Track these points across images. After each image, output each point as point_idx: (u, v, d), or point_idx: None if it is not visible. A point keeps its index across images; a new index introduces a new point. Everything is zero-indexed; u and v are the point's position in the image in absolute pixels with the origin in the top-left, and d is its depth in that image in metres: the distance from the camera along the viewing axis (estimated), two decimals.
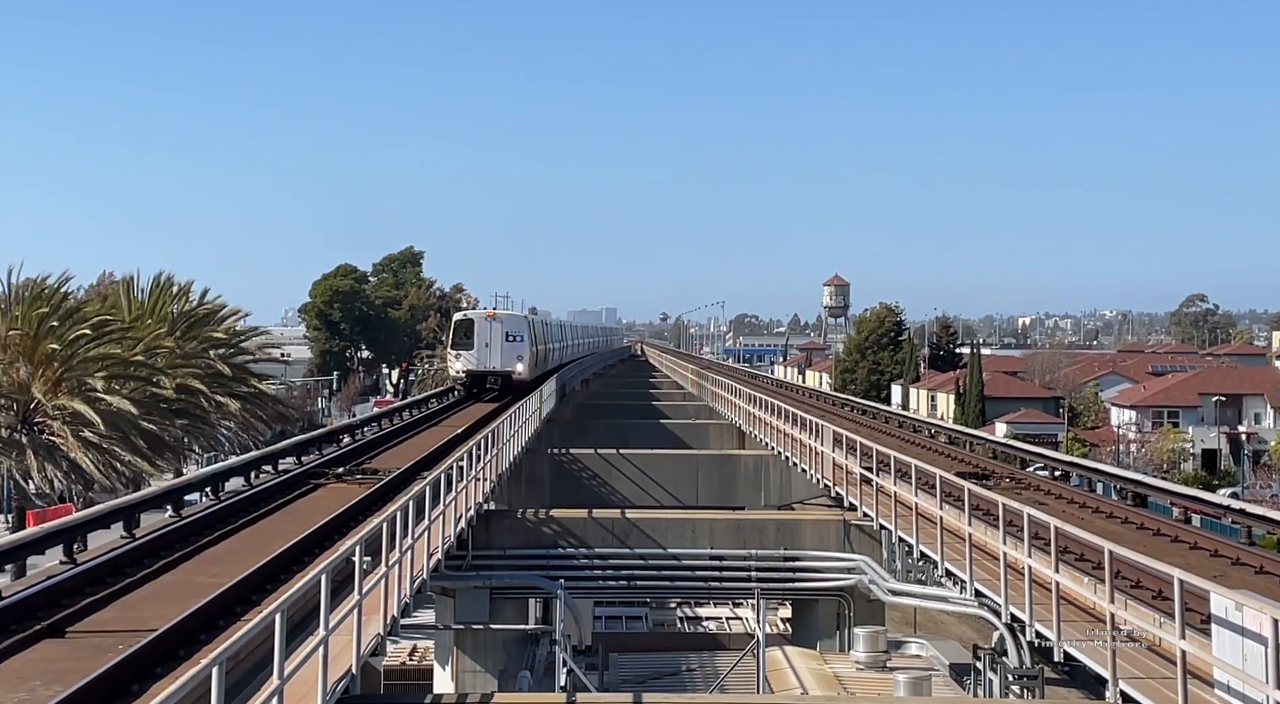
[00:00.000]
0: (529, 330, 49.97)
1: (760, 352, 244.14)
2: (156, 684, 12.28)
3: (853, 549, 28.14)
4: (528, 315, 55.73)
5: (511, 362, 48.40)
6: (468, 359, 48.70)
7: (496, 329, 48.75)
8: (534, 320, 55.60)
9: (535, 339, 52.01)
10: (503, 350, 48.40)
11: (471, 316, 50.25)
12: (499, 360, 48.40)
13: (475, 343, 48.53)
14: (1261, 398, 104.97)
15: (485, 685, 27.85)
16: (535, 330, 52.82)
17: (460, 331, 49.47)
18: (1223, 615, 12.53)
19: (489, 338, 48.56)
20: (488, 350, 48.51)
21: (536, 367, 52.34)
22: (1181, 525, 23.68)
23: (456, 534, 22.04)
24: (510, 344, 48.50)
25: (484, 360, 48.47)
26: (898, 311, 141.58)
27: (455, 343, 49.52)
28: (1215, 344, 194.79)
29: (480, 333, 48.70)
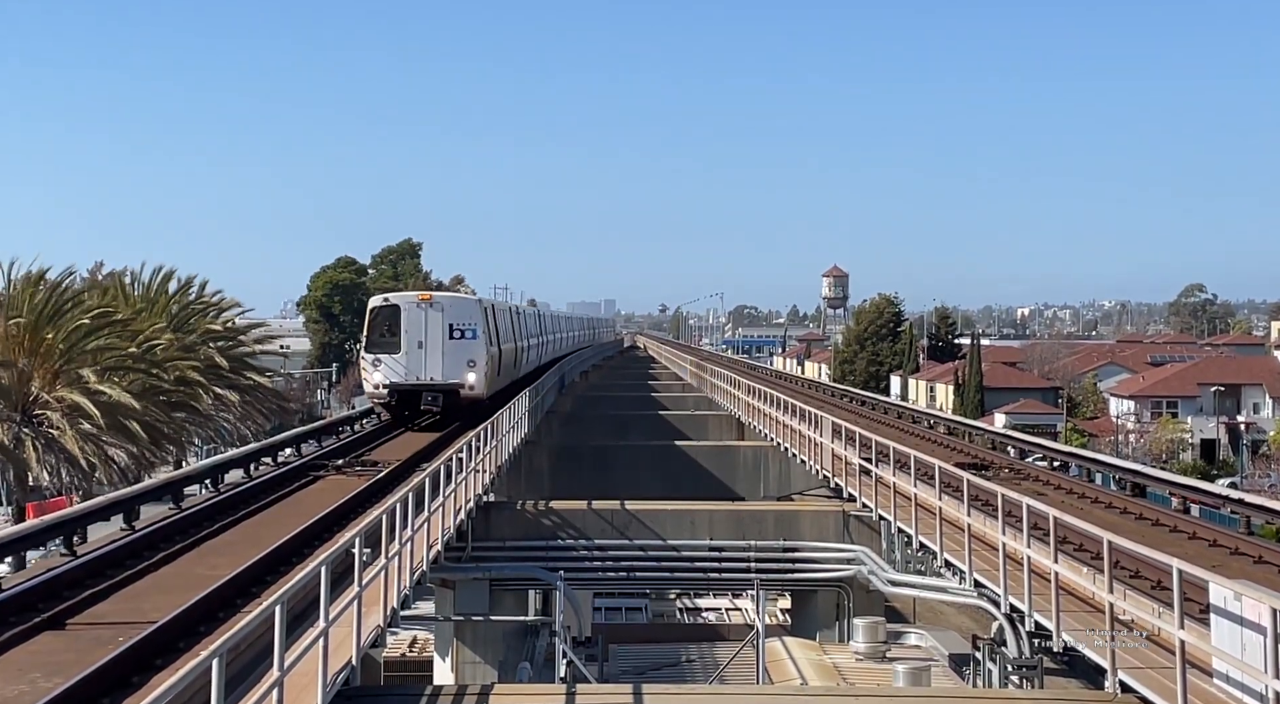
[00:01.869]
0: (486, 322, 36.43)
1: (759, 343, 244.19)
2: (157, 676, 12.30)
3: (852, 540, 28.19)
4: (483, 300, 40.01)
5: (459, 369, 34.74)
6: (391, 367, 34.59)
7: (435, 320, 34.87)
8: (495, 307, 41.18)
9: (497, 335, 38.55)
10: (445, 353, 34.70)
11: (396, 301, 35.85)
12: (440, 368, 34.64)
13: (403, 341, 34.67)
14: (1260, 388, 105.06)
15: (485, 677, 27.89)
16: (496, 322, 39.39)
17: (380, 325, 35.22)
18: (1221, 605, 12.55)
19: (423, 333, 34.75)
20: (421, 353, 34.66)
21: (500, 375, 39.58)
22: (1180, 515, 23.71)
23: (456, 526, 22.05)
24: (457, 342, 34.83)
25: (416, 368, 34.62)
26: (896, 302, 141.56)
27: (373, 342, 35.10)
28: (1214, 334, 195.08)
29: (410, 325, 34.81)
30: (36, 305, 45.01)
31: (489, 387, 36.10)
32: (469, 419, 32.94)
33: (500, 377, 39.54)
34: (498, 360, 38.00)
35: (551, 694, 15.93)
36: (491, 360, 36.16)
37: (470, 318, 35.35)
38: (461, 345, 34.78)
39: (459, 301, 37.16)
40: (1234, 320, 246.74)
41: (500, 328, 40.18)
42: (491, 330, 37.17)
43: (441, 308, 35.29)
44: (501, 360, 39.21)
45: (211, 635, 13.52)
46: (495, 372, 37.60)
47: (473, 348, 34.92)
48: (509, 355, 42.10)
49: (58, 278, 47.99)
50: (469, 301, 37.56)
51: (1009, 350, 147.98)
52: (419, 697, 15.02)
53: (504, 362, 40.17)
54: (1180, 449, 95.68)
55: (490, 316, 37.91)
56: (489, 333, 36.43)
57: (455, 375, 34.64)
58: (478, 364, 34.87)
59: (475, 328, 35.14)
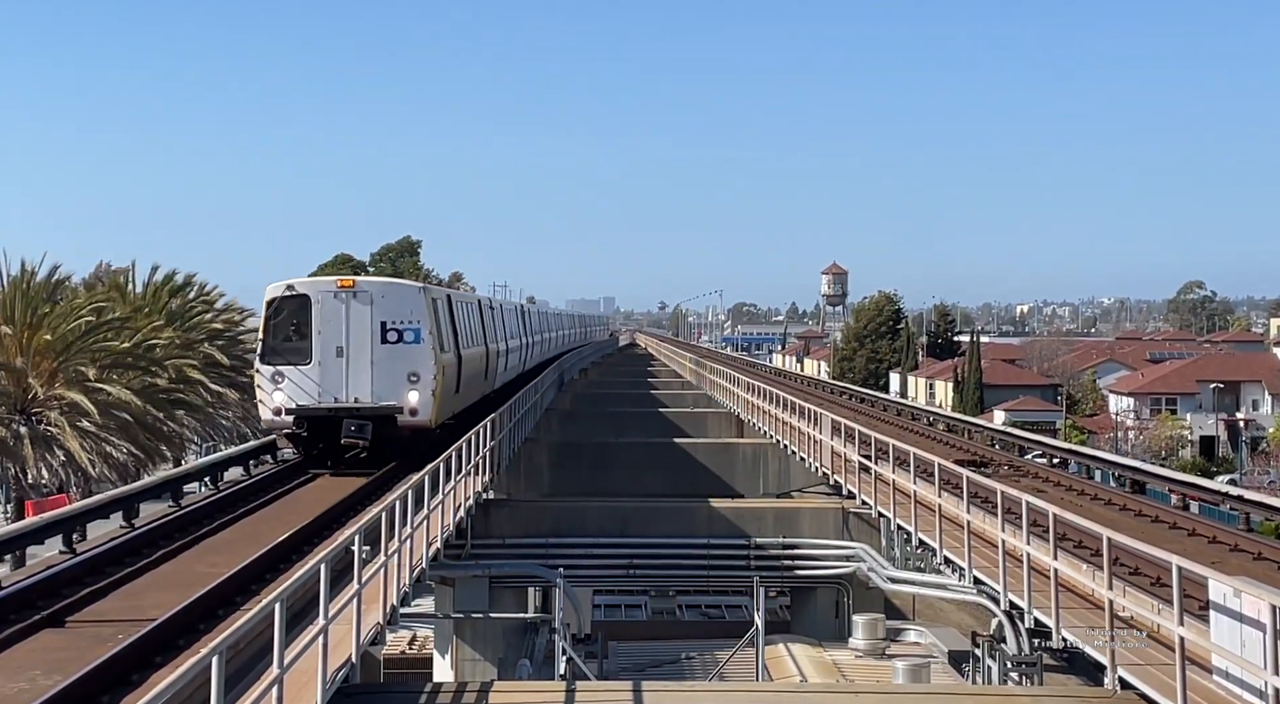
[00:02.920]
0: (436, 319, 27.23)
1: (758, 340, 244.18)
2: (156, 673, 12.30)
3: (851, 537, 28.21)
4: (432, 288, 29.77)
5: (395, 387, 26.00)
6: (298, 385, 25.74)
7: (360, 316, 26.03)
8: (453, 299, 31.31)
9: (454, 336, 29.44)
10: (376, 362, 25.96)
11: (304, 290, 26.33)
12: (368, 385, 25.88)
13: (314, 347, 25.86)
14: (1259, 385, 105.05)
15: (485, 674, 27.91)
16: (454, 319, 29.96)
17: (282, 324, 26.27)
18: (1221, 602, 12.55)
19: (344, 336, 25.92)
20: (341, 364, 25.84)
21: (462, 390, 30.26)
22: (1180, 512, 23.71)
23: (456, 523, 22.05)
24: (393, 348, 26.06)
25: (333, 386, 25.76)
26: (896, 300, 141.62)
27: (272, 349, 26.09)
28: (1213, 331, 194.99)
29: (325, 324, 25.95)
30: (34, 304, 45.01)
31: (440, 409, 26.85)
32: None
33: (461, 393, 30.31)
34: (456, 372, 28.87)
35: (551, 691, 15.93)
36: (445, 372, 27.04)
37: (412, 312, 26.26)
38: (400, 352, 25.96)
39: (396, 289, 27.51)
40: (1233, 317, 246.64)
41: (461, 327, 30.93)
42: (445, 330, 28.10)
43: (370, 298, 26.16)
44: (463, 372, 29.85)
45: (211, 633, 13.53)
46: (452, 386, 28.38)
47: (416, 355, 26.01)
48: (474, 364, 32.54)
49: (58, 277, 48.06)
50: (409, 290, 27.53)
51: (1008, 347, 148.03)
52: (419, 694, 15.03)
53: (467, 373, 30.74)
54: (1179, 446, 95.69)
55: (443, 311, 28.53)
56: (441, 333, 27.35)
57: (390, 395, 25.79)
58: (422, 378, 25.94)
59: (419, 327, 26.12)
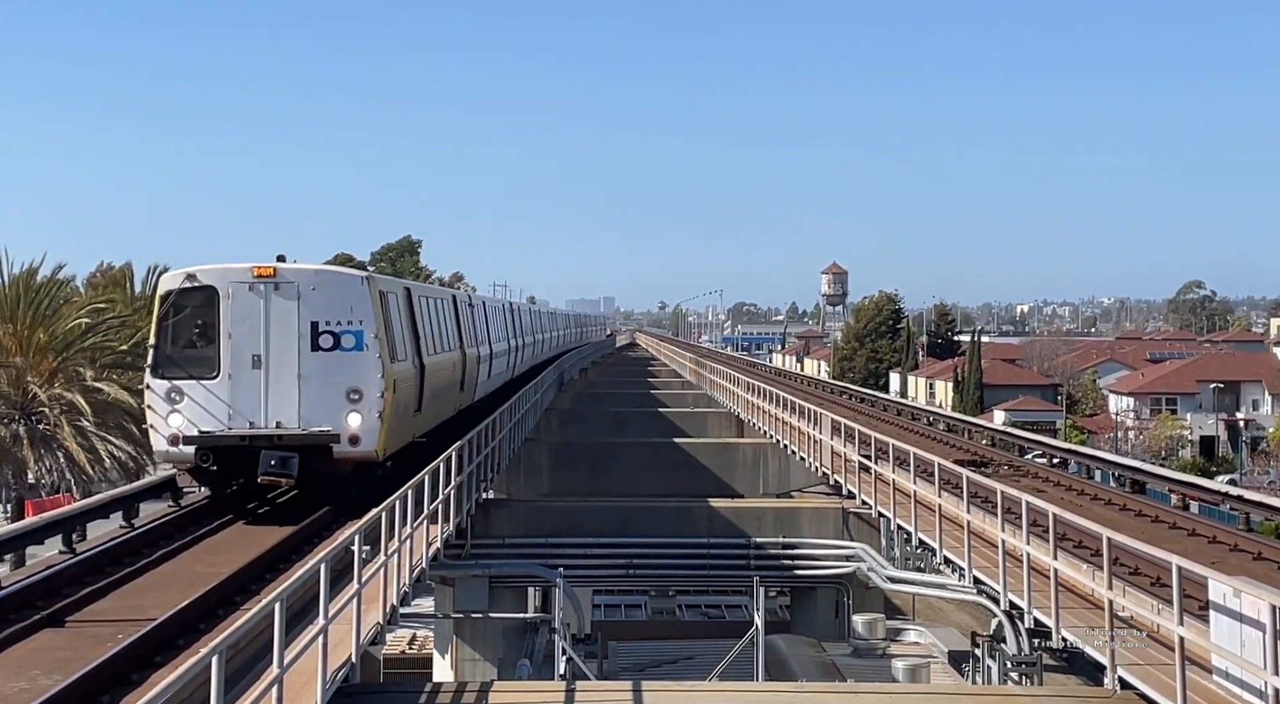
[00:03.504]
0: (386, 319, 21.62)
1: (758, 340, 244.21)
2: (156, 673, 12.31)
3: (851, 537, 28.20)
4: (379, 279, 23.05)
5: (331, 407, 20.53)
6: (200, 405, 20.32)
7: (284, 314, 20.54)
8: (413, 293, 25.21)
9: (413, 340, 24.09)
10: (305, 376, 20.46)
11: (209, 279, 20.68)
12: (293, 405, 20.43)
13: (223, 356, 20.45)
14: (1259, 384, 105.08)
15: (485, 674, 27.91)
16: (415, 319, 24.58)
17: (181, 326, 20.73)
18: (1221, 602, 12.56)
19: (262, 340, 20.48)
20: (258, 378, 20.42)
21: (425, 409, 24.81)
22: (1179, 512, 23.72)
23: (455, 523, 22.04)
24: (327, 357, 20.57)
25: (248, 406, 20.38)
26: (896, 299, 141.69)
27: (168, 359, 20.57)
28: (1213, 331, 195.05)
29: (238, 325, 20.53)
30: (35, 303, 45.01)
31: (391, 435, 21.17)
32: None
33: (426, 411, 24.70)
34: (415, 385, 23.38)
35: (551, 691, 15.93)
36: (398, 387, 21.39)
37: (353, 310, 20.53)
38: (336, 362, 20.36)
39: (332, 280, 20.96)
40: (1233, 317, 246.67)
41: (427, 328, 25.42)
42: (400, 333, 22.64)
43: (297, 291, 20.42)
44: (426, 384, 24.26)
45: (211, 633, 13.53)
46: (410, 404, 22.94)
47: (357, 366, 20.38)
48: (443, 373, 26.90)
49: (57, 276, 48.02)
50: (349, 280, 21.14)
51: (1008, 347, 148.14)
52: (418, 694, 15.03)
53: (433, 385, 25.15)
54: (1179, 446, 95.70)
55: (398, 309, 22.97)
56: (393, 337, 21.73)
57: (323, 418, 20.23)
58: (366, 396, 20.32)
59: (362, 329, 20.48)
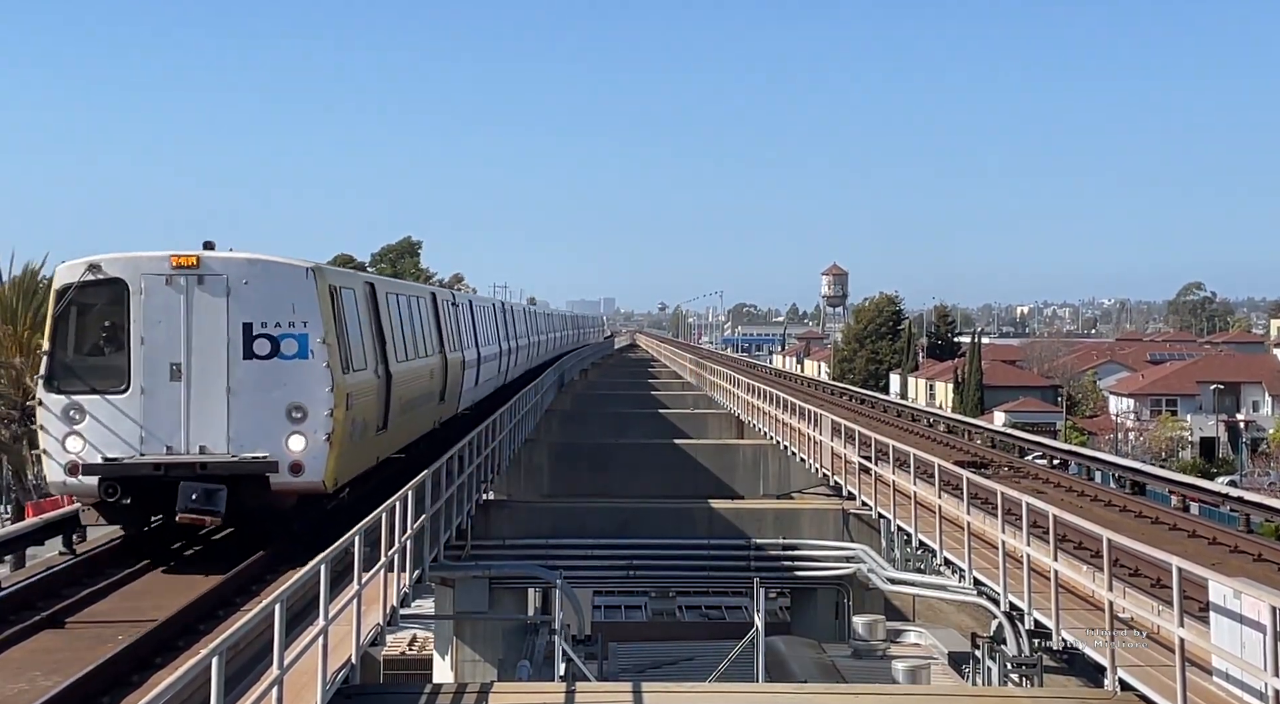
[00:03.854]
0: (331, 318, 17.93)
1: (759, 341, 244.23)
2: (156, 674, 12.30)
3: (851, 538, 28.16)
4: (322, 269, 18.20)
5: (269, 428, 17.36)
6: (105, 426, 17.21)
7: (210, 313, 17.35)
8: (369, 290, 21.19)
9: (371, 345, 20.30)
10: (236, 388, 17.35)
11: (117, 271, 17.40)
12: (222, 424, 17.31)
13: (133, 365, 17.36)
14: (1259, 386, 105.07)
15: (485, 675, 27.89)
16: (368, 318, 20.54)
17: (81, 327, 17.72)
18: (1221, 603, 12.55)
19: (182, 345, 17.30)
20: (177, 392, 17.30)
21: (391, 426, 21.20)
22: (1180, 513, 23.72)
23: (456, 524, 22.03)
24: (262, 367, 17.40)
25: (165, 428, 17.23)
26: (896, 301, 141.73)
27: (63, 368, 17.49)
28: (1213, 332, 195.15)
29: (152, 326, 17.32)
30: (32, 304, 44.99)
31: (344, 460, 17.85)
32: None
33: (393, 428, 20.99)
34: (380, 398, 19.91)
35: (551, 692, 15.90)
36: (354, 403, 18.04)
37: (296, 309, 17.13)
38: (276, 373, 17.05)
39: (269, 272, 17.38)
40: (1233, 318, 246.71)
41: (396, 331, 21.75)
42: (358, 337, 18.98)
43: (226, 286, 17.08)
44: (394, 397, 20.76)
45: (211, 634, 13.52)
46: (371, 421, 19.41)
47: (301, 377, 17.06)
48: (417, 382, 23.31)
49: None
50: (290, 273, 17.44)
51: (1008, 348, 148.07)
52: (419, 695, 15.01)
53: (403, 397, 21.53)
54: (1180, 447, 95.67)
55: (356, 308, 19.37)
56: (347, 341, 18.24)
57: (259, 441, 16.97)
58: (312, 414, 16.99)
59: (306, 332, 17.11)
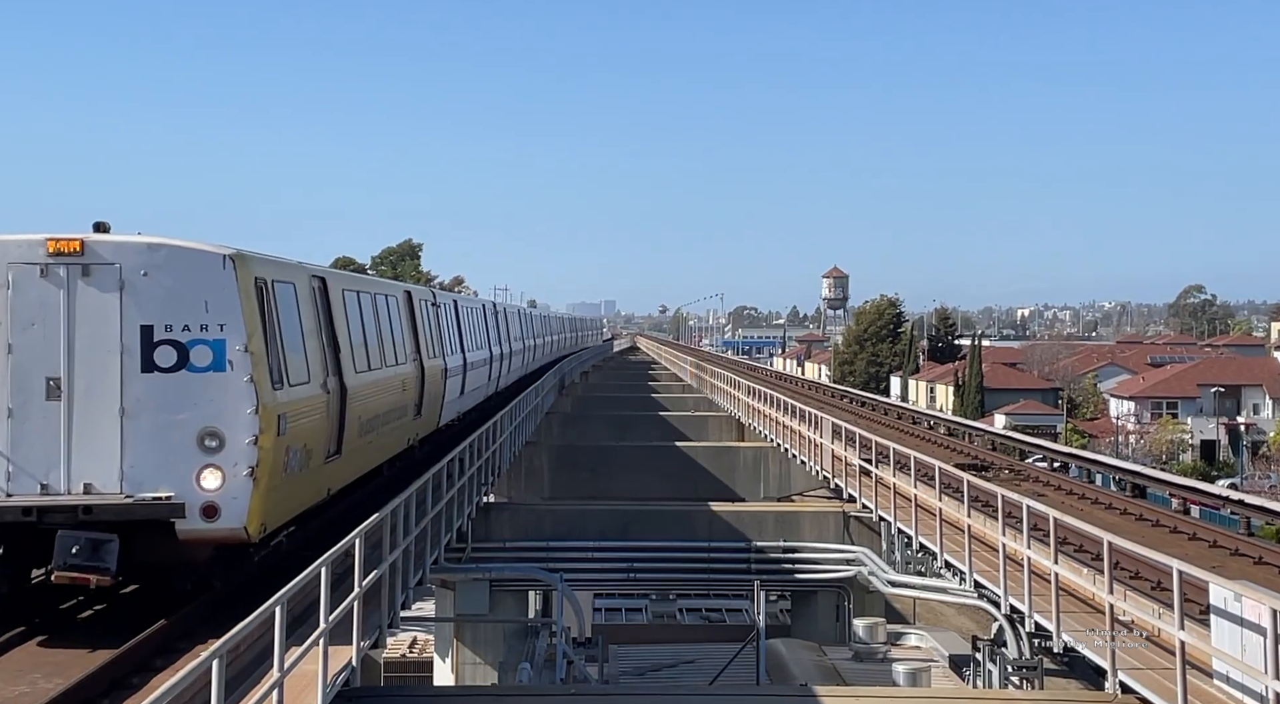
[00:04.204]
0: (257, 318, 14.09)
1: (759, 344, 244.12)
2: (157, 677, 12.29)
3: (852, 541, 28.16)
4: (244, 257, 14.09)
5: (175, 460, 13.47)
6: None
7: (98, 310, 13.46)
8: (317, 286, 17.04)
9: (316, 353, 16.31)
10: (131, 409, 13.42)
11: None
12: (114, 456, 13.38)
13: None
14: (1260, 389, 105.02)
15: (485, 677, 27.90)
16: (314, 320, 16.60)
17: None
18: (1222, 606, 12.55)
19: (62, 354, 13.38)
20: (54, 413, 13.34)
21: (342, 452, 17.16)
22: (1180, 516, 23.72)
23: (456, 527, 22.04)
24: (167, 381, 13.52)
25: (35, 458, 13.33)
26: (897, 303, 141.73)
27: None
28: (1214, 335, 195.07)
29: (20, 328, 13.38)
30: None
31: (274, 500, 14.47)
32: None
33: (349, 454, 17.38)
34: (330, 418, 16.43)
35: (552, 695, 15.92)
36: (290, 426, 14.73)
37: (210, 308, 13.85)
38: (182, 389, 13.80)
39: (177, 260, 13.98)
40: (1234, 321, 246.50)
41: (352, 335, 17.99)
42: (297, 342, 15.64)
43: (119, 277, 13.80)
44: (349, 415, 17.19)
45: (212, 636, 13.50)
46: (317, 447, 15.93)
47: (216, 395, 13.83)
48: (384, 397, 19.62)
49: None
50: (203, 261, 14.04)
51: (1009, 351, 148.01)
52: (419, 697, 15.04)
53: (361, 416, 17.90)
54: (1180, 450, 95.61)
55: (292, 308, 15.78)
56: (278, 348, 14.81)
57: (160, 478, 13.73)
58: (230, 442, 13.75)
59: (224, 337, 13.83)
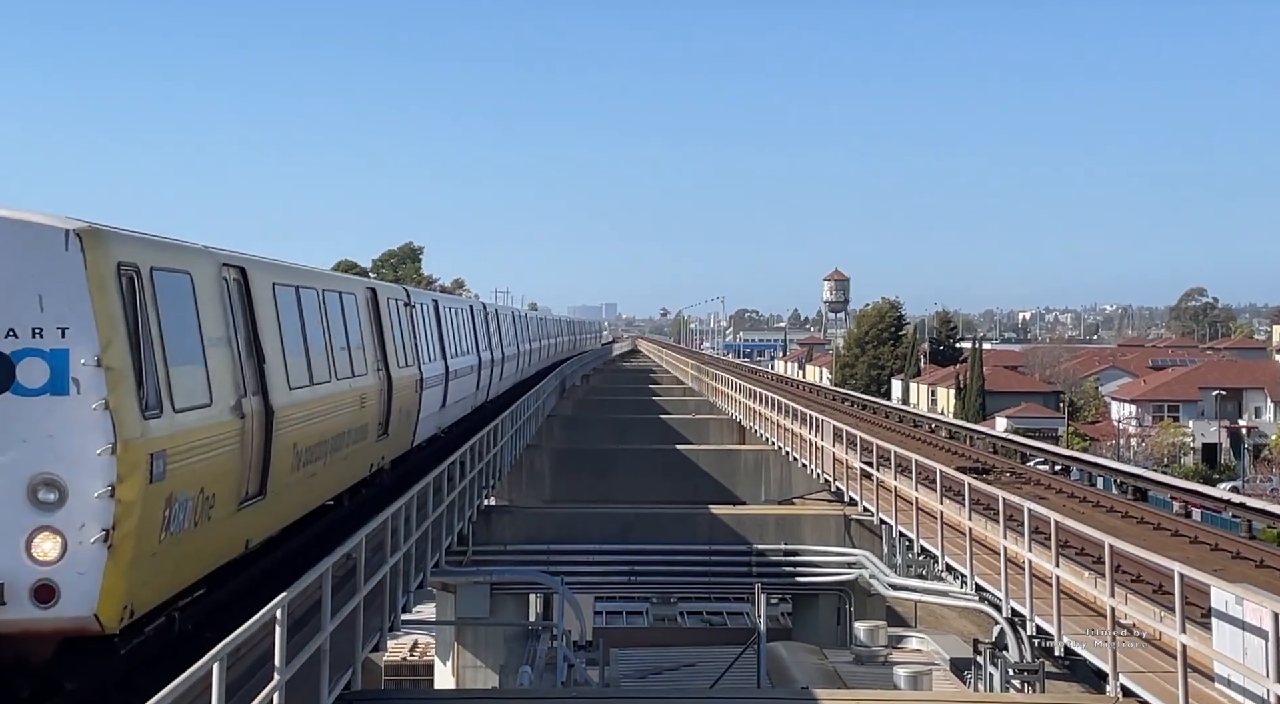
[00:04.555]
0: (118, 313, 9.46)
1: (760, 347, 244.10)
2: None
3: (853, 544, 28.16)
4: (97, 233, 9.39)
5: (7, 527, 9.09)
6: None
7: None
8: (236, 279, 12.67)
9: (212, 364, 11.45)
10: None
11: None
12: None
13: None
14: (1262, 391, 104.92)
15: (486, 681, 27.89)
16: (211, 320, 11.71)
17: None
18: (1223, 609, 12.54)
19: None
20: None
21: (266, 493, 12.82)
22: (1182, 519, 23.71)
23: (457, 530, 22.04)
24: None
25: None
26: (898, 306, 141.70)
27: None
28: (1215, 338, 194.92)
29: None
30: None
31: (143, 575, 10.01)
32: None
33: (275, 494, 13.43)
34: (248, 453, 12.48)
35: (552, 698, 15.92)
36: (177, 468, 10.38)
37: (46, 304, 9.33)
38: (1, 418, 9.33)
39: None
40: (1235, 324, 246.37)
41: (282, 341, 14.30)
42: (190, 350, 11.28)
43: None
44: (277, 444, 13.33)
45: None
46: (231, 491, 12.01)
47: (56, 428, 9.33)
48: (333, 419, 16.15)
49: None
50: (35, 238, 9.34)
51: (1010, 354, 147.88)
52: (420, 701, 15.02)
53: (297, 444, 14.36)
54: (1182, 453, 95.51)
55: (177, 304, 11.11)
56: (164, 358, 10.51)
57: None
58: (75, 496, 9.31)
59: (66, 346, 9.33)
